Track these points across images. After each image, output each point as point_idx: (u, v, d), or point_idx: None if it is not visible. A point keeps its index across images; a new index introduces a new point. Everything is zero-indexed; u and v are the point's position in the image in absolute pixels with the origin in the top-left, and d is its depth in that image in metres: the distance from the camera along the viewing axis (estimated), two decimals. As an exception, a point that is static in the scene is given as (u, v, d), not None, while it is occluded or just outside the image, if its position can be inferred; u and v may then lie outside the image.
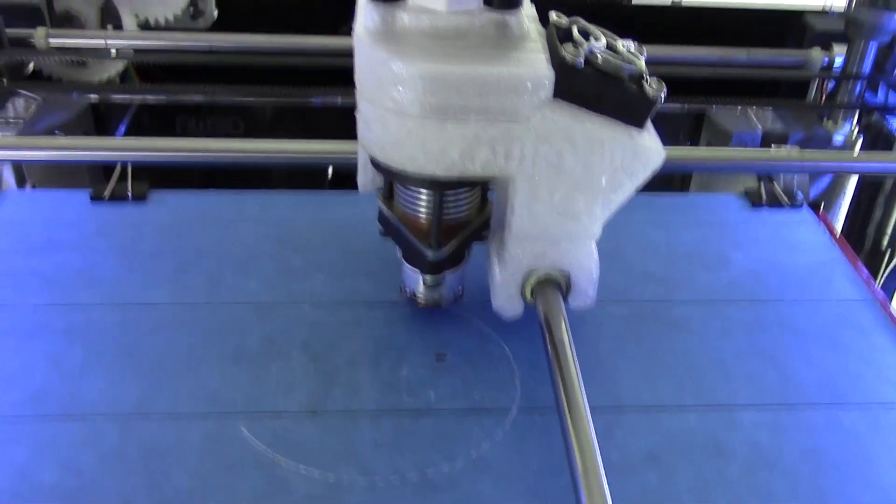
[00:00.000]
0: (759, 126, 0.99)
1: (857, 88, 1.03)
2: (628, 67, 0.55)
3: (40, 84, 1.00)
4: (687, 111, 1.08)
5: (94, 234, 0.77)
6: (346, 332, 0.68)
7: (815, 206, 0.88)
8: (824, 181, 1.05)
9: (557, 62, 0.54)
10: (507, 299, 0.64)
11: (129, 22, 1.05)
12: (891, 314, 0.74)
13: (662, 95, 0.55)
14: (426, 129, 0.54)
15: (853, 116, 1.04)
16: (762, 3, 0.97)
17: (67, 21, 1.03)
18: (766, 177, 0.89)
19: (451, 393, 0.63)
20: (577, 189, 0.58)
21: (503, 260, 0.62)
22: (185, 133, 1.09)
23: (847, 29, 1.00)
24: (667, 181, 1.15)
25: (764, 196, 0.88)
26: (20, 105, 0.96)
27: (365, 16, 0.56)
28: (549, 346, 0.59)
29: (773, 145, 0.91)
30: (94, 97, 1.00)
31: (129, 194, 0.82)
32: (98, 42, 1.01)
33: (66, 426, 0.59)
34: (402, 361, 0.65)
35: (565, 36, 0.56)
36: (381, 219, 0.65)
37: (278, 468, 0.57)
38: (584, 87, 0.54)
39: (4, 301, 0.69)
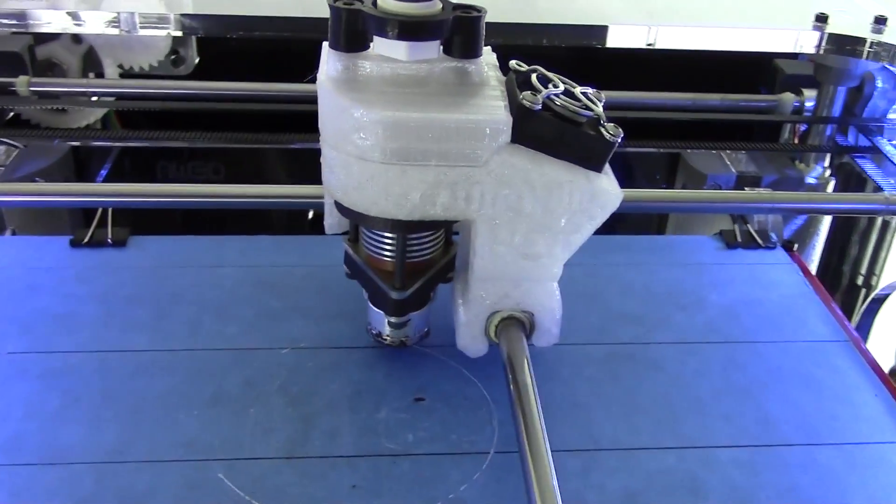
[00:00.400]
0: (733, 168, 1.01)
1: (828, 131, 1.05)
2: (586, 112, 0.57)
3: (21, 131, 1.01)
4: (662, 153, 1.09)
5: (74, 279, 0.78)
6: (324, 375, 0.68)
7: (789, 246, 0.89)
8: (798, 221, 1.06)
9: (516, 108, 0.56)
10: (471, 339, 0.65)
11: (111, 69, 1.06)
12: (864, 354, 0.75)
13: (619, 139, 0.57)
14: (388, 174, 0.56)
15: (825, 158, 1.06)
16: (734, 47, 0.98)
17: (49, 69, 1.04)
18: (741, 218, 0.90)
19: (429, 436, 0.63)
20: (537, 231, 0.60)
21: (467, 301, 0.63)
22: (166, 178, 1.09)
23: (816, 74, 1.02)
24: (644, 222, 1.17)
25: (739, 237, 0.89)
26: (0, 152, 0.97)
27: (328, 64, 0.57)
28: (511, 387, 0.60)
29: (746, 188, 0.93)
30: (75, 143, 1.00)
31: (110, 240, 0.82)
32: (79, 89, 1.02)
33: (42, 472, 0.58)
34: (380, 405, 0.66)
35: (524, 82, 0.58)
36: (348, 261, 0.66)
37: (256, 514, 0.56)
38: (542, 132, 0.56)
39: (-18, 347, 0.69)
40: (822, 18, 0.97)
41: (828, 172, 1.05)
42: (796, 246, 0.89)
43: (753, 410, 0.68)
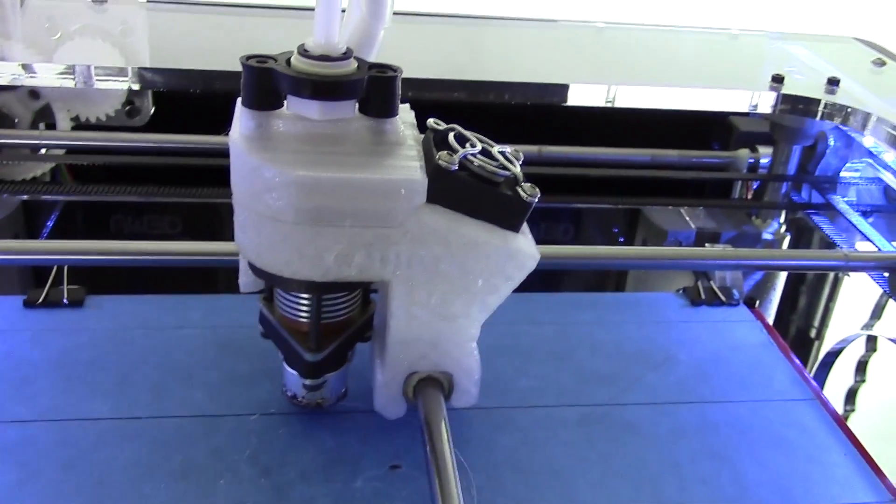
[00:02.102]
0: (692, 224, 1.02)
1: (783, 188, 1.07)
2: (503, 172, 0.57)
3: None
4: (622, 209, 1.11)
5: (29, 343, 0.74)
6: (296, 443, 0.66)
7: (751, 303, 0.90)
8: (756, 276, 1.08)
9: (433, 168, 0.55)
10: (389, 400, 0.64)
11: (63, 121, 1.03)
12: (830, 412, 0.76)
13: (535, 199, 0.57)
14: (301, 235, 0.55)
15: (780, 215, 1.08)
16: (692, 106, 1.00)
17: (-1, 119, 1.01)
18: (704, 275, 0.91)
19: (407, 505, 0.62)
20: (454, 292, 0.59)
21: (384, 361, 0.62)
22: (120, 232, 1.06)
23: (773, 132, 1.05)
24: (602, 277, 1.18)
25: (702, 294, 0.90)
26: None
27: (241, 121, 0.56)
28: (427, 448, 0.58)
29: (706, 244, 0.94)
30: (23, 196, 0.97)
31: (65, 300, 0.79)
32: (29, 141, 0.99)
33: (0, 555, 0.55)
34: (356, 473, 0.64)
35: (442, 141, 0.58)
36: (262, 321, 0.65)
37: None
38: (458, 192, 0.56)
39: (-69, 418, 0.65)
40: (778, 79, 0.99)
41: (783, 228, 1.07)
42: (758, 302, 0.90)
43: (729, 473, 0.68)
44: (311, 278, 0.57)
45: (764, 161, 1.08)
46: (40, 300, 0.79)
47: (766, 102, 0.99)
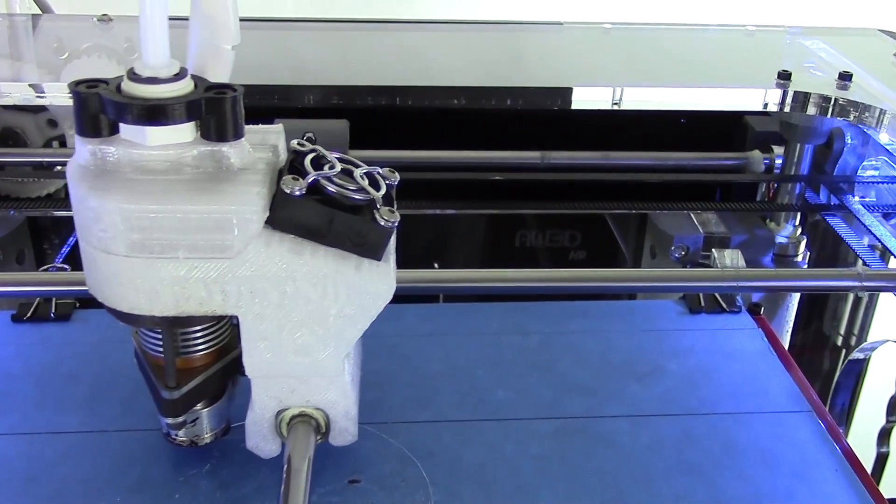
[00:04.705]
0: (701, 229, 0.99)
1: (797, 189, 1.03)
2: (359, 196, 0.54)
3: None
4: (631, 214, 1.08)
5: (13, 356, 0.76)
6: (256, 457, 0.65)
7: (755, 310, 0.87)
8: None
9: (277, 193, 0.52)
10: (261, 438, 0.61)
11: (73, 139, 1.05)
12: (827, 422, 0.72)
13: (394, 224, 0.54)
14: (134, 269, 0.52)
15: (796, 217, 1.03)
16: (697, 106, 0.97)
17: (9, 138, 1.03)
18: (707, 280, 0.88)
19: (361, 521, 0.61)
20: (305, 325, 0.55)
21: (252, 398, 0.59)
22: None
23: (782, 131, 1.01)
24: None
25: (703, 301, 0.87)
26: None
27: (76, 150, 0.53)
28: (282, 487, 0.56)
29: (713, 249, 0.91)
30: (33, 214, 1.00)
31: (52, 314, 0.80)
32: (40, 159, 1.02)
33: (-51, 568, 0.56)
34: (312, 487, 0.63)
35: (299, 164, 0.54)
36: (136, 354, 0.62)
37: None
38: (305, 219, 0.53)
39: None
40: (784, 76, 0.95)
41: (798, 231, 1.03)
42: (763, 309, 0.87)
43: (705, 489, 0.65)
44: (151, 313, 0.54)
45: (779, 162, 1.04)
46: (28, 315, 0.80)
47: (773, 100, 0.95)
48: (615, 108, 1.03)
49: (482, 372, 0.76)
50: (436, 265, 1.14)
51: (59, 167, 1.05)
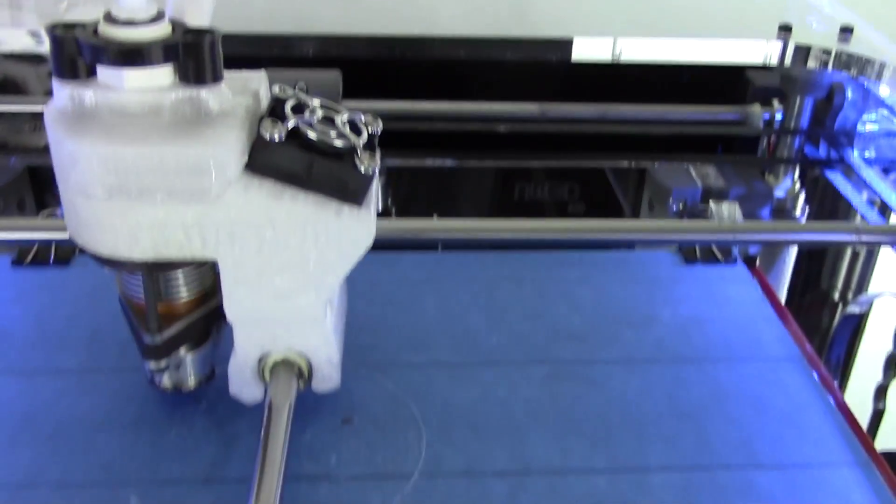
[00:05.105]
0: (699, 182, 0.99)
1: (797, 143, 1.03)
2: (339, 142, 0.54)
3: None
4: (633, 167, 1.08)
5: (13, 299, 0.77)
6: (252, 396, 0.66)
7: (750, 261, 0.87)
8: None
9: (256, 138, 0.52)
10: (243, 384, 0.61)
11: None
12: (820, 372, 0.73)
13: (374, 171, 0.54)
14: (112, 212, 0.52)
15: (794, 171, 1.03)
16: (697, 58, 0.97)
17: (9, 88, 1.04)
18: (703, 231, 0.88)
19: (353, 457, 0.62)
20: (284, 270, 0.56)
21: (234, 345, 0.60)
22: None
23: (782, 85, 1.00)
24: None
25: (698, 252, 0.87)
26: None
27: (54, 95, 0.53)
28: (262, 432, 0.56)
29: (711, 201, 0.91)
30: (33, 162, 1.00)
31: (52, 259, 0.81)
32: (39, 108, 1.02)
33: (-50, 497, 0.57)
34: (306, 426, 0.64)
35: (280, 110, 0.54)
36: (119, 300, 0.62)
37: (163, 539, 0.55)
38: (284, 164, 0.53)
39: None
40: (785, 28, 0.94)
41: (797, 185, 1.03)
42: (759, 264, 0.87)
43: (694, 432, 0.65)
44: (131, 258, 0.54)
45: (779, 117, 1.03)
46: (28, 259, 0.81)
47: (775, 53, 0.95)
48: (615, 59, 1.02)
49: (476, 318, 0.77)
50: (435, 217, 1.14)
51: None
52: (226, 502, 0.58)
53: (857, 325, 1.08)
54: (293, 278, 0.56)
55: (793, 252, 1.06)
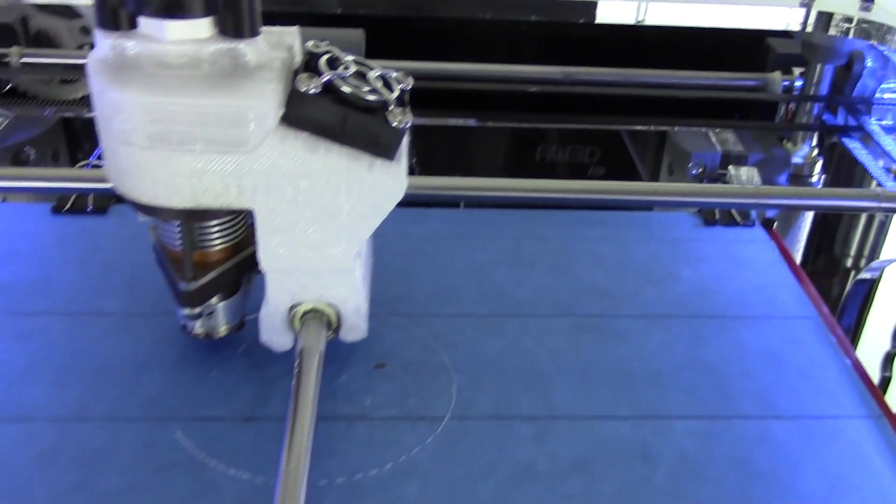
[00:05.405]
0: (719, 147, 1.01)
1: (815, 110, 1.04)
2: (372, 97, 0.55)
3: (13, 101, 1.02)
4: (651, 132, 1.09)
5: (53, 245, 0.79)
6: (289, 341, 0.69)
7: (768, 224, 0.89)
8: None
9: (292, 91, 0.54)
10: (273, 332, 0.63)
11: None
12: (835, 332, 0.75)
13: (406, 126, 0.55)
14: (153, 160, 0.54)
15: (812, 138, 1.05)
16: (719, 23, 0.98)
17: (43, 40, 1.05)
18: (722, 195, 0.90)
19: (387, 400, 0.64)
20: (318, 221, 0.58)
21: (266, 294, 0.62)
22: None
23: (804, 51, 1.02)
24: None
25: (717, 214, 0.89)
26: (-7, 121, 0.99)
27: (97, 45, 0.55)
28: (293, 381, 0.58)
29: (730, 166, 0.92)
30: (67, 114, 1.02)
31: (90, 207, 0.83)
32: (72, 61, 1.03)
33: (4, 427, 0.60)
34: (341, 370, 0.67)
35: (315, 65, 0.56)
36: (154, 249, 0.65)
37: (209, 471, 0.58)
38: (319, 117, 0.54)
39: (-44, 308, 0.71)
40: (809, -4, 0.96)
41: (815, 152, 1.05)
42: (776, 224, 0.89)
43: (713, 384, 0.68)
44: (170, 205, 0.56)
45: (799, 85, 1.05)
46: (67, 207, 0.83)
47: (796, 20, 0.96)
48: (639, 23, 1.04)
49: (503, 272, 0.79)
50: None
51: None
52: (266, 438, 0.60)
53: (867, 291, 1.10)
54: (326, 229, 0.58)
55: (808, 220, 1.08)
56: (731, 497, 0.58)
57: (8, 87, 1.06)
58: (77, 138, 1.04)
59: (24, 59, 1.00)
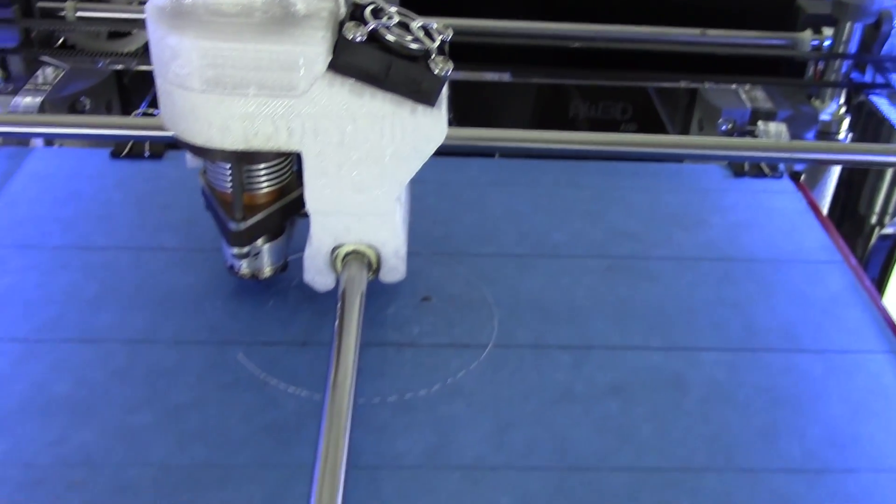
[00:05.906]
0: (749, 104, 1.03)
1: (844, 68, 1.07)
2: (415, 46, 0.58)
3: (68, 53, 1.07)
4: (682, 90, 1.12)
5: (113, 186, 0.84)
6: (340, 275, 0.73)
7: (796, 176, 0.92)
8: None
9: (339, 39, 0.57)
10: (316, 272, 0.67)
11: None
12: (859, 276, 0.78)
13: (447, 73, 0.58)
14: (207, 103, 0.57)
15: (840, 95, 1.07)
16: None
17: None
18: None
19: (433, 329, 0.68)
20: (363, 164, 0.61)
21: (309, 235, 0.65)
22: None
23: (833, 10, 1.04)
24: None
25: (746, 166, 0.92)
26: (49, 73, 1.03)
27: None
28: (336, 322, 0.61)
29: (759, 122, 0.95)
30: (118, 66, 1.06)
31: (147, 153, 0.88)
32: (127, 15, 1.07)
33: (79, 347, 0.64)
34: (389, 302, 0.71)
35: (360, 14, 0.59)
36: (203, 192, 0.68)
37: (270, 388, 0.62)
38: (365, 64, 0.57)
39: (29, 242, 0.75)
40: (840, -46, 0.98)
41: (843, 110, 1.07)
42: (803, 177, 0.92)
43: (741, 320, 0.72)
44: (222, 146, 0.59)
45: (828, 44, 1.07)
46: (125, 152, 0.88)
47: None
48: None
49: (539, 217, 0.83)
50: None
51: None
52: (322, 361, 0.64)
53: (891, 246, 1.13)
54: (369, 171, 0.62)
55: (833, 177, 1.10)
56: (757, 420, 0.62)
57: (61, 40, 1.11)
58: (130, 91, 1.08)
59: (79, 14, 1.04)
